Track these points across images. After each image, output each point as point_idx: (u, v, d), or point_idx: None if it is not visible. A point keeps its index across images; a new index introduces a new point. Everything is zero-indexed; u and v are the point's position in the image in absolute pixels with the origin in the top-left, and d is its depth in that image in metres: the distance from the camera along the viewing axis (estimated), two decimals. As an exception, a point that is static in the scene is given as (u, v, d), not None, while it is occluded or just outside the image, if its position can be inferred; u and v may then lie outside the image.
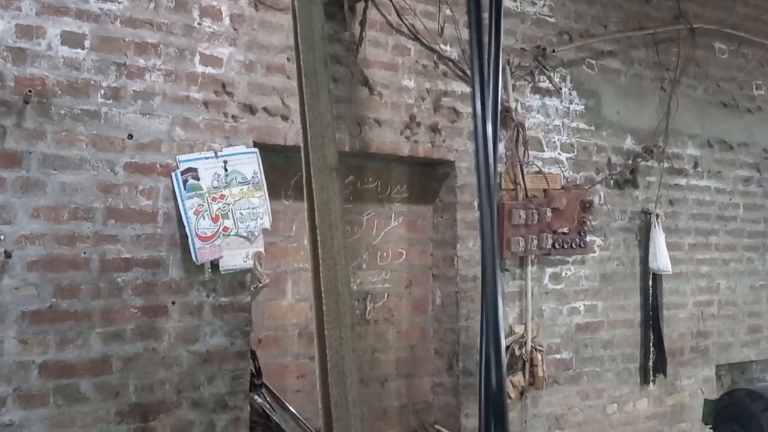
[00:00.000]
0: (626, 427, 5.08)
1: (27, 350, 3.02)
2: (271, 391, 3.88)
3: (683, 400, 5.40)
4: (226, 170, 3.50)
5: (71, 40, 3.17)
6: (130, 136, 3.29)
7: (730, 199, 5.77)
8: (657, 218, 5.15)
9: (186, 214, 3.38)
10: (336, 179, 0.98)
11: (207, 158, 3.47)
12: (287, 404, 3.91)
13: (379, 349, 4.34)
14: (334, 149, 1.37)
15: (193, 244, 3.39)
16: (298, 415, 3.89)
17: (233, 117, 3.58)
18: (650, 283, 5.18)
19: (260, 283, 3.86)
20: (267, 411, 3.82)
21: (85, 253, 3.17)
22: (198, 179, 3.43)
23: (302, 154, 1.65)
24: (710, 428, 3.58)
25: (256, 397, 3.78)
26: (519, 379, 4.54)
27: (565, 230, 4.71)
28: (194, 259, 3.39)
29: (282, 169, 3.90)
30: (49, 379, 3.06)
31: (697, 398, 5.31)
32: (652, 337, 5.17)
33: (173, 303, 3.38)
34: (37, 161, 3.08)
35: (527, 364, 4.55)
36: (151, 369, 3.30)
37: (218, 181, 3.48)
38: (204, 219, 3.43)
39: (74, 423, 3.11)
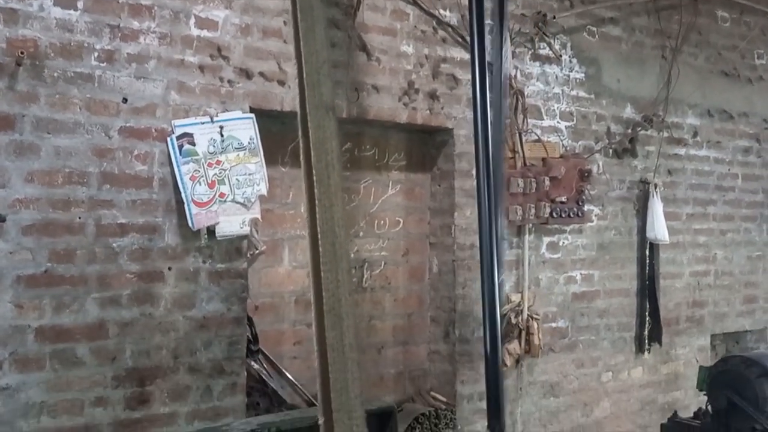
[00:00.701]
0: (621, 395, 5.13)
1: (23, 314, 3.02)
2: (267, 357, 3.90)
3: (678, 368, 5.44)
4: (222, 136, 3.47)
5: (64, 1, 3.11)
6: (125, 100, 3.25)
7: (729, 170, 5.76)
8: (655, 188, 5.14)
9: (182, 179, 3.35)
10: (333, 118, 0.96)
11: (203, 123, 3.43)
12: (284, 370, 3.93)
13: (375, 317, 4.35)
14: (331, 87, 1.33)
15: (189, 209, 3.37)
16: (294, 381, 3.92)
17: (229, 82, 3.53)
18: (647, 252, 5.19)
19: (257, 249, 3.85)
20: (264, 377, 3.84)
21: (80, 217, 3.14)
22: (194, 144, 3.39)
23: (297, 92, 1.60)
24: (705, 394, 3.60)
25: (252, 363, 3.79)
26: (515, 347, 4.56)
27: (563, 199, 4.69)
28: (190, 225, 3.37)
29: (279, 135, 3.86)
30: (45, 343, 3.06)
31: (692, 367, 5.34)
32: (648, 306, 5.19)
33: (169, 269, 3.37)
34: (30, 124, 3.04)
35: (523, 333, 4.57)
36: (147, 334, 3.30)
37: (214, 146, 3.45)
38: (200, 185, 3.40)
39: (71, 387, 3.11)
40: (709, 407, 3.61)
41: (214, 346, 3.48)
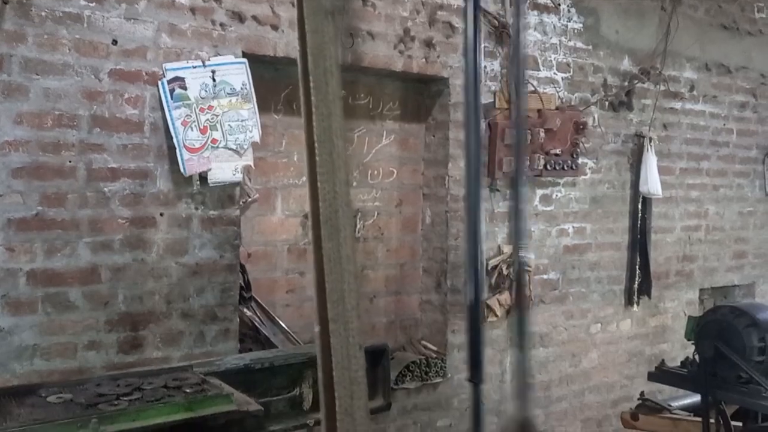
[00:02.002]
0: (609, 346, 5.20)
1: (14, 258, 3.01)
2: (260, 304, 3.91)
3: (666, 321, 5.52)
4: (214, 80, 3.41)
5: (50, -63, 3.02)
6: (115, 42, 3.18)
7: (724, 125, 5.74)
8: (650, 142, 5.12)
9: (173, 124, 3.31)
10: (331, 23, 0.93)
11: (194, 67, 3.37)
12: (276, 318, 3.95)
13: (368, 267, 4.36)
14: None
15: (181, 155, 3.34)
16: (287, 328, 3.94)
17: (221, 25, 3.46)
18: (639, 206, 5.20)
19: (249, 198, 3.82)
20: (256, 324, 3.86)
21: (70, 161, 3.11)
22: (185, 89, 3.34)
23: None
24: (692, 344, 3.64)
25: (245, 310, 3.81)
26: (506, 298, 4.60)
27: (558, 152, 4.67)
28: (182, 170, 3.34)
29: (272, 81, 3.80)
30: (38, 286, 3.06)
31: (680, 320, 5.41)
32: (638, 260, 5.22)
33: (161, 215, 3.35)
34: (18, 65, 2.98)
35: (514, 284, 4.60)
36: (140, 279, 3.30)
37: (206, 91, 3.39)
38: (192, 130, 3.36)
39: (64, 330, 3.12)
40: (696, 356, 3.66)
41: (207, 292, 3.49)
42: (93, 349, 3.18)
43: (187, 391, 1.77)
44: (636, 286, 5.24)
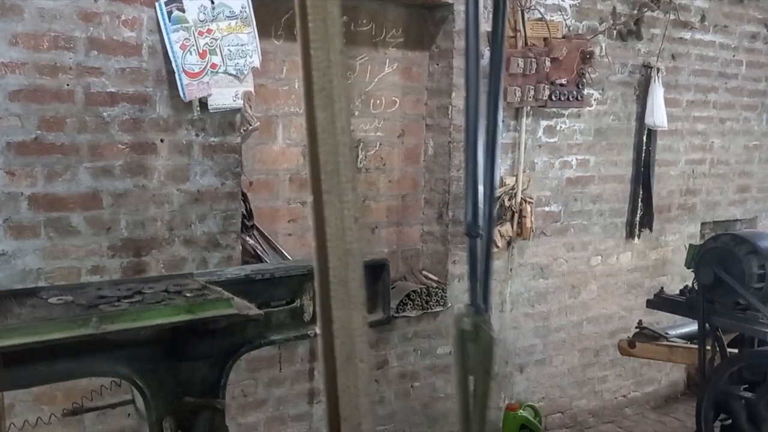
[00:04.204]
0: (608, 278, 5.24)
1: (15, 182, 3.00)
2: (262, 233, 3.93)
3: (666, 254, 5.54)
4: (212, 3, 3.33)
5: None
6: (109, -39, 3.09)
7: (734, 56, 5.62)
8: (657, 73, 5.02)
9: (172, 48, 3.24)
10: None
11: (192, -11, 3.28)
12: (279, 247, 3.97)
13: (370, 197, 4.36)
14: None
15: (181, 80, 3.28)
16: (289, 257, 3.96)
17: (219, -56, 3.35)
18: (644, 139, 5.14)
19: (250, 125, 3.78)
20: (258, 252, 3.88)
21: (68, 84, 3.06)
22: (183, 11, 3.26)
23: None
24: (692, 271, 3.66)
25: (247, 238, 3.82)
26: (507, 229, 4.61)
27: (563, 82, 4.59)
28: (182, 96, 3.30)
29: (272, 6, 3.71)
30: (39, 211, 3.06)
31: (680, 253, 5.43)
32: (641, 193, 5.20)
33: (162, 141, 3.32)
34: (11, -16, 2.91)
35: (516, 215, 4.60)
36: (142, 206, 3.30)
37: (204, 14, 3.31)
38: (191, 54, 3.30)
39: (67, 255, 3.14)
40: (696, 284, 3.68)
41: (209, 219, 3.49)
42: (97, 274, 3.21)
43: (188, 295, 1.79)
44: (638, 219, 5.23)
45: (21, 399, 3.00)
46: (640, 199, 5.22)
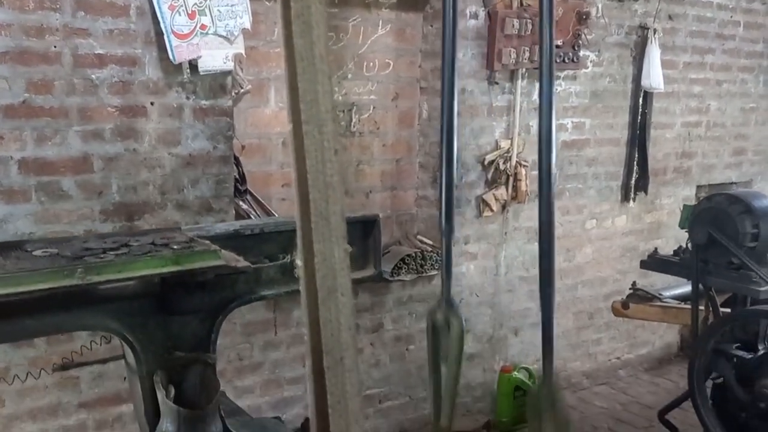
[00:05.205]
0: (603, 242, 5.24)
1: (4, 145, 2.97)
2: (255, 198, 3.91)
3: (661, 218, 5.54)
4: (201, -38, 3.27)
5: None
6: None
7: (732, 17, 5.56)
8: (654, 34, 4.97)
9: (160, 8, 3.19)
10: None
11: (180, -53, 3.22)
12: (272, 211, 3.95)
13: (364, 162, 4.33)
14: None
15: (170, 41, 3.23)
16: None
17: None
18: (640, 101, 5.11)
19: (242, 88, 3.73)
20: (252, 217, 3.86)
21: (55, 46, 3.01)
22: (171, -30, 3.20)
23: None
24: (686, 232, 3.66)
25: (240, 203, 3.80)
26: (502, 192, 4.60)
27: (559, 43, 4.54)
28: (171, 57, 3.25)
29: (262, -35, 3.64)
30: (30, 175, 3.04)
31: (675, 216, 5.41)
32: (637, 156, 5.19)
33: (152, 104, 3.28)
34: (-7, -58, 2.84)
35: (511, 179, 4.59)
36: (133, 170, 3.27)
37: (193, -27, 3.25)
38: (180, 15, 3.24)
39: (59, 219, 3.12)
40: (689, 244, 3.68)
41: (202, 183, 3.47)
42: (89, 238, 3.19)
43: (175, 247, 1.78)
44: (633, 182, 5.23)
45: (16, 363, 3.01)
46: (635, 162, 5.20)
